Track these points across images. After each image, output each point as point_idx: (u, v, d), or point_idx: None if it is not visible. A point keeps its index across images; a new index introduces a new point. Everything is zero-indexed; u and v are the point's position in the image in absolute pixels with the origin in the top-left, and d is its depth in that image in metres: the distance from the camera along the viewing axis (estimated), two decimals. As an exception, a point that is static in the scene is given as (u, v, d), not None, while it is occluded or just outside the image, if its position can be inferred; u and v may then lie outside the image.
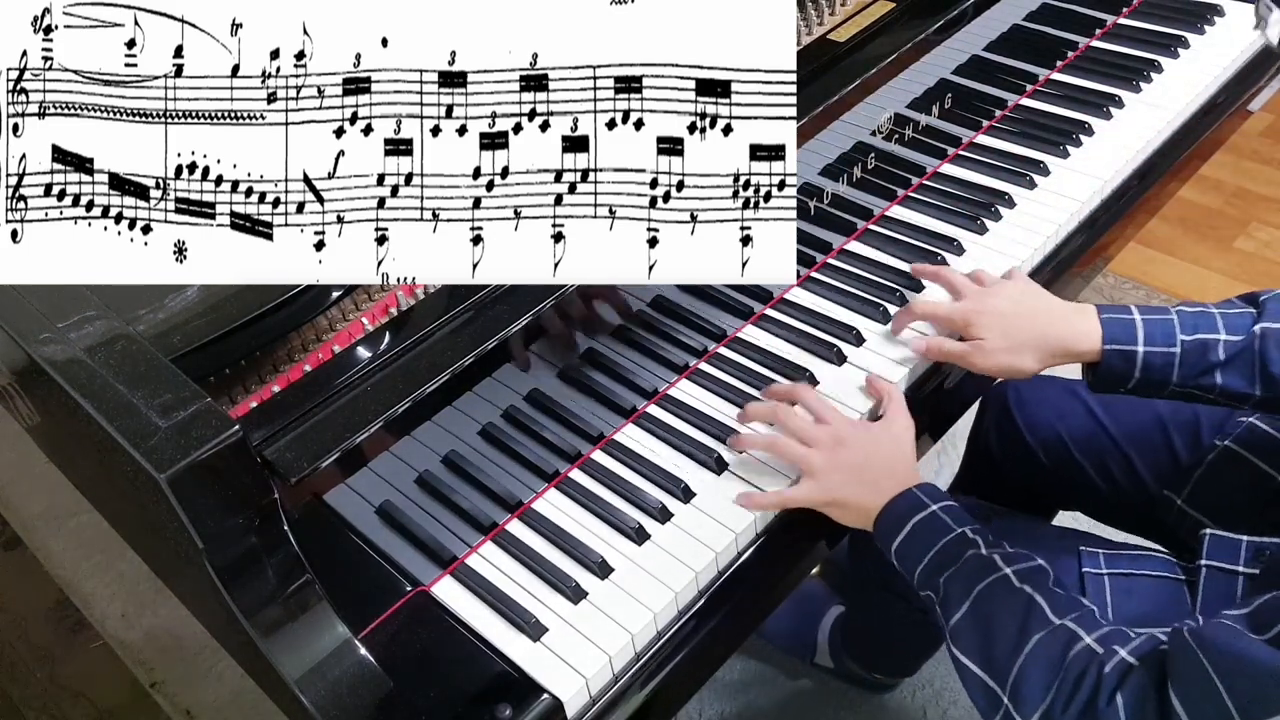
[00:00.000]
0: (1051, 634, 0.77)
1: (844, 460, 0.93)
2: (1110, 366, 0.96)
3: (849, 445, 0.94)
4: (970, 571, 0.84)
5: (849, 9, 1.16)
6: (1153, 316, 0.95)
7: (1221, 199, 2.33)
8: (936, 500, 0.90)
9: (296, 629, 0.77)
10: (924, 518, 0.89)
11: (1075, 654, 0.75)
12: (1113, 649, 0.75)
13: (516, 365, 0.92)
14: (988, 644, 0.80)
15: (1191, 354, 0.93)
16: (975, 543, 0.86)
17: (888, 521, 0.90)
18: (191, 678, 1.63)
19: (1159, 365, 0.94)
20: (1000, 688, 0.78)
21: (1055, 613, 0.79)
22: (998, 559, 0.84)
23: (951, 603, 0.84)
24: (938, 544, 0.87)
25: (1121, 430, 1.13)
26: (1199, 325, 0.94)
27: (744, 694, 1.55)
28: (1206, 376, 0.93)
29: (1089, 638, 0.76)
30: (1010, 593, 0.81)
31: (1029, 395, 1.21)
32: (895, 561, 0.90)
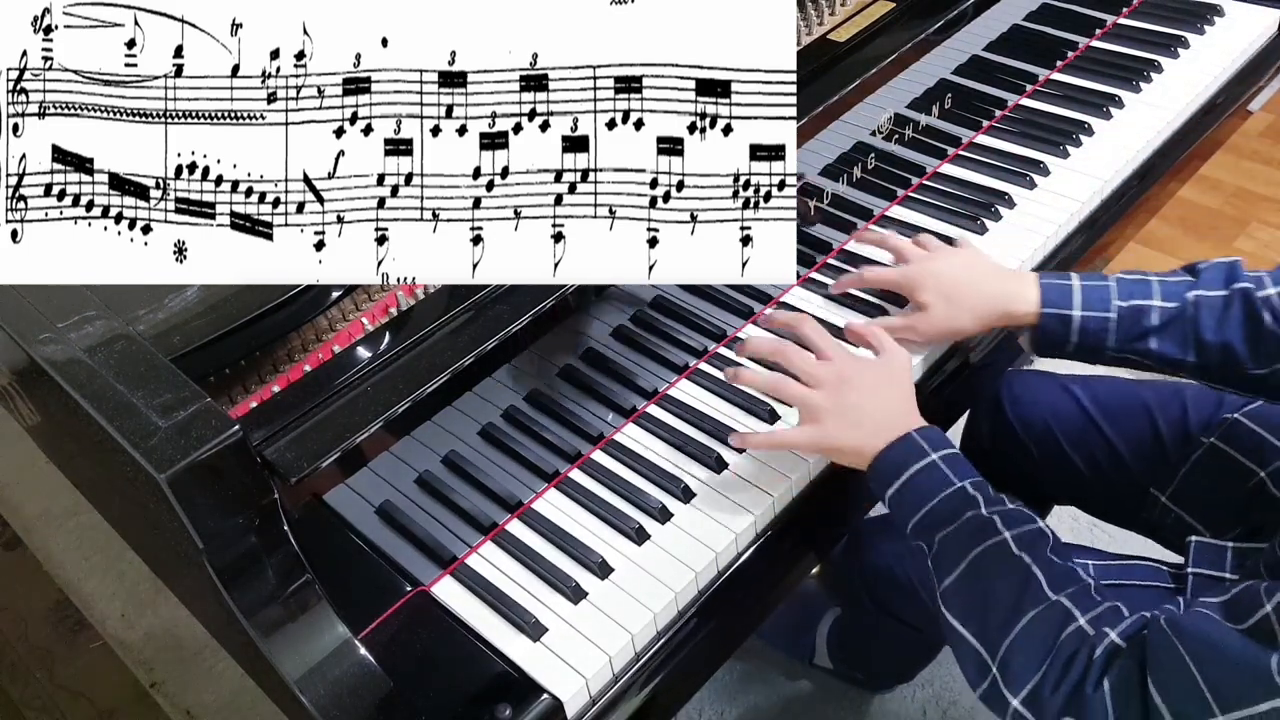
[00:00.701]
0: (1047, 610, 0.77)
1: (846, 401, 0.91)
2: (1047, 330, 0.98)
3: (852, 384, 0.93)
4: (968, 533, 0.83)
5: (849, 9, 1.16)
6: (1091, 283, 0.97)
7: (1221, 199, 2.33)
8: (937, 448, 0.88)
9: (296, 629, 0.77)
10: (923, 467, 0.87)
11: (1068, 635, 0.75)
12: (1103, 631, 0.75)
13: (516, 365, 0.92)
14: (981, 613, 0.80)
15: (1126, 320, 0.95)
16: (975, 500, 0.84)
17: (884, 467, 0.88)
18: (191, 678, 1.63)
19: (1094, 330, 0.96)
20: (991, 659, 0.78)
21: (1052, 587, 0.78)
22: (998, 521, 0.82)
23: (945, 562, 0.83)
24: (935, 498, 0.85)
25: (1110, 422, 1.14)
26: (1134, 292, 0.96)
27: (743, 694, 1.55)
28: (1141, 342, 0.95)
29: (1083, 618, 0.76)
30: (1008, 560, 0.80)
31: (1021, 390, 1.21)
32: (888, 508, 0.89)
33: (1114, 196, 1.27)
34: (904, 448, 0.88)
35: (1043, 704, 0.75)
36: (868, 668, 1.50)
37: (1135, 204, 1.28)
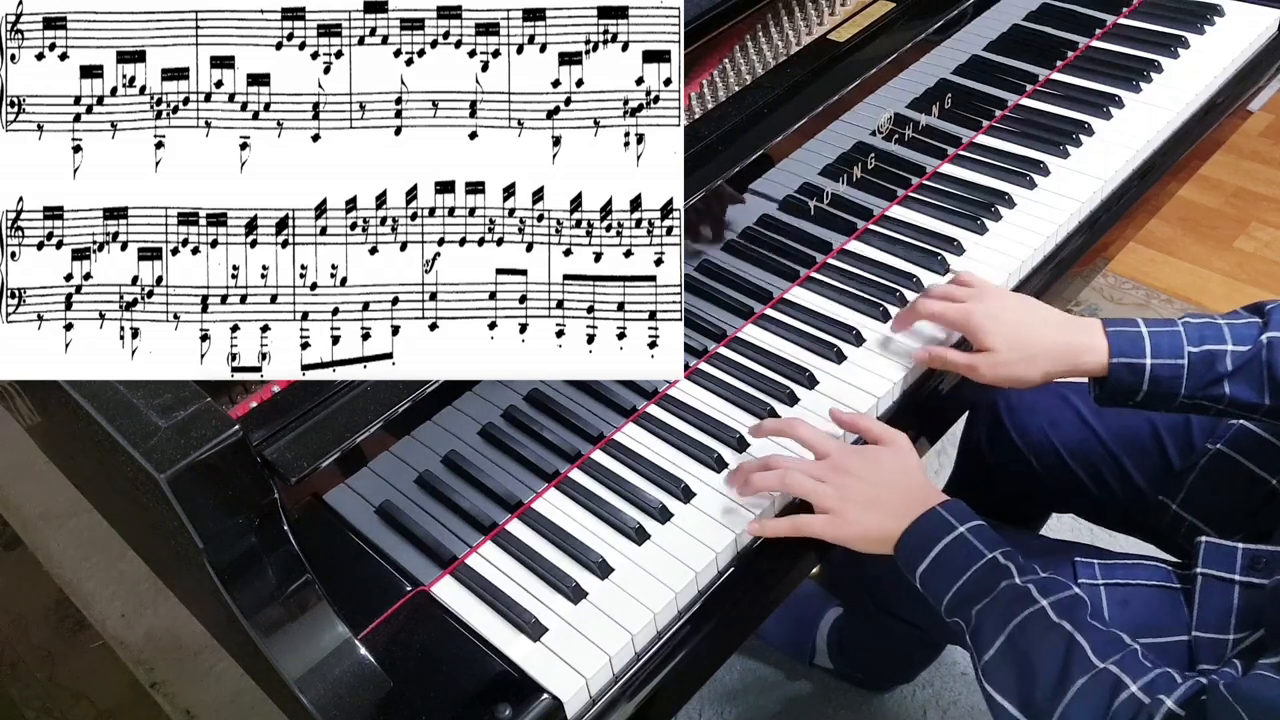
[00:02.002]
0: (1095, 679, 0.75)
1: (853, 491, 0.90)
2: (1118, 380, 0.95)
3: (853, 474, 0.91)
4: (1005, 604, 0.81)
5: (849, 9, 1.16)
6: (1159, 329, 0.94)
7: (1221, 199, 2.33)
8: (964, 521, 0.86)
9: (296, 629, 0.77)
10: (951, 542, 0.85)
11: (1121, 702, 0.73)
12: (1159, 699, 0.73)
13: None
14: (1026, 685, 0.77)
15: (1199, 365, 0.92)
16: (1008, 570, 0.83)
17: (911, 546, 0.87)
18: (191, 678, 1.63)
19: (1167, 378, 0.93)
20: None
21: (1097, 654, 0.76)
22: (1033, 590, 0.81)
23: (984, 636, 0.81)
24: (967, 571, 0.83)
25: (1113, 436, 1.13)
26: (1205, 336, 0.93)
27: (744, 694, 1.55)
28: (1215, 388, 0.93)
29: (1134, 685, 0.74)
30: (1048, 629, 0.78)
31: (1019, 402, 1.20)
32: (920, 587, 0.87)
33: (1114, 196, 1.27)
34: (928, 523, 0.87)
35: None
36: (868, 668, 1.50)
37: (1135, 204, 1.28)
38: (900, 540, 0.87)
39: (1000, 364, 0.98)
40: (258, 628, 0.76)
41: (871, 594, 1.22)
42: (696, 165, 0.98)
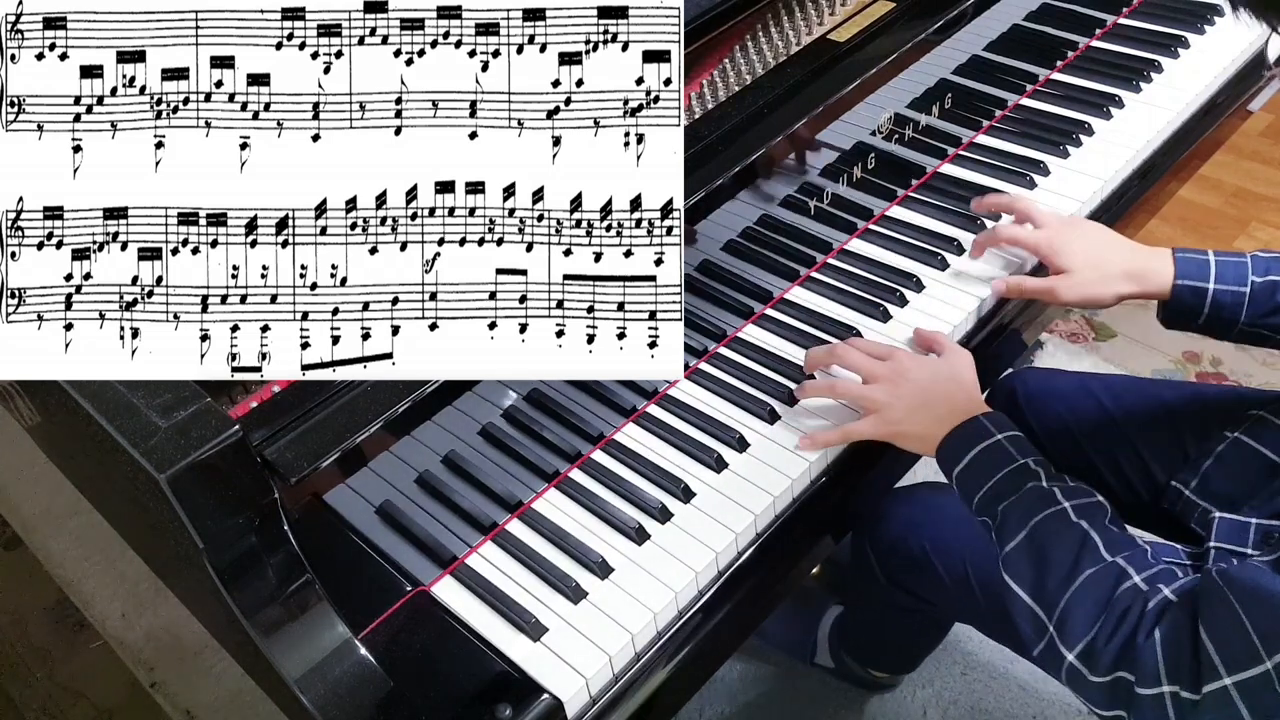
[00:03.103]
0: (1103, 569, 0.79)
1: (905, 392, 0.96)
2: (1181, 301, 1.00)
3: (910, 377, 0.97)
4: (1030, 502, 0.85)
5: (849, 9, 1.16)
6: (1227, 258, 1.00)
7: (1221, 199, 2.33)
8: (1003, 430, 0.91)
9: (296, 629, 0.77)
10: (988, 446, 0.90)
11: (1123, 590, 0.78)
12: (1157, 587, 0.77)
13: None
14: (1040, 574, 0.82)
15: (1261, 294, 0.98)
16: (1037, 474, 0.87)
17: (951, 448, 0.91)
18: (191, 678, 1.63)
19: (1229, 303, 0.98)
20: (1048, 617, 0.80)
21: (1109, 549, 0.80)
22: (1058, 492, 0.85)
23: (1008, 530, 0.85)
24: (999, 473, 0.88)
25: (1130, 422, 1.14)
26: (1271, 268, 0.98)
27: (744, 694, 1.55)
28: (1275, 316, 0.98)
29: (1138, 576, 0.78)
30: (1067, 526, 0.83)
31: (1037, 387, 1.22)
32: (955, 486, 0.92)
33: (1114, 196, 1.27)
34: (971, 428, 0.91)
35: (1096, 656, 0.77)
36: (872, 657, 1.50)
37: (1135, 204, 1.28)
38: (942, 442, 0.92)
39: (1078, 284, 1.04)
40: (258, 628, 0.76)
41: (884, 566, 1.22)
42: (696, 165, 0.98)
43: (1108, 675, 0.76)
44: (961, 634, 1.54)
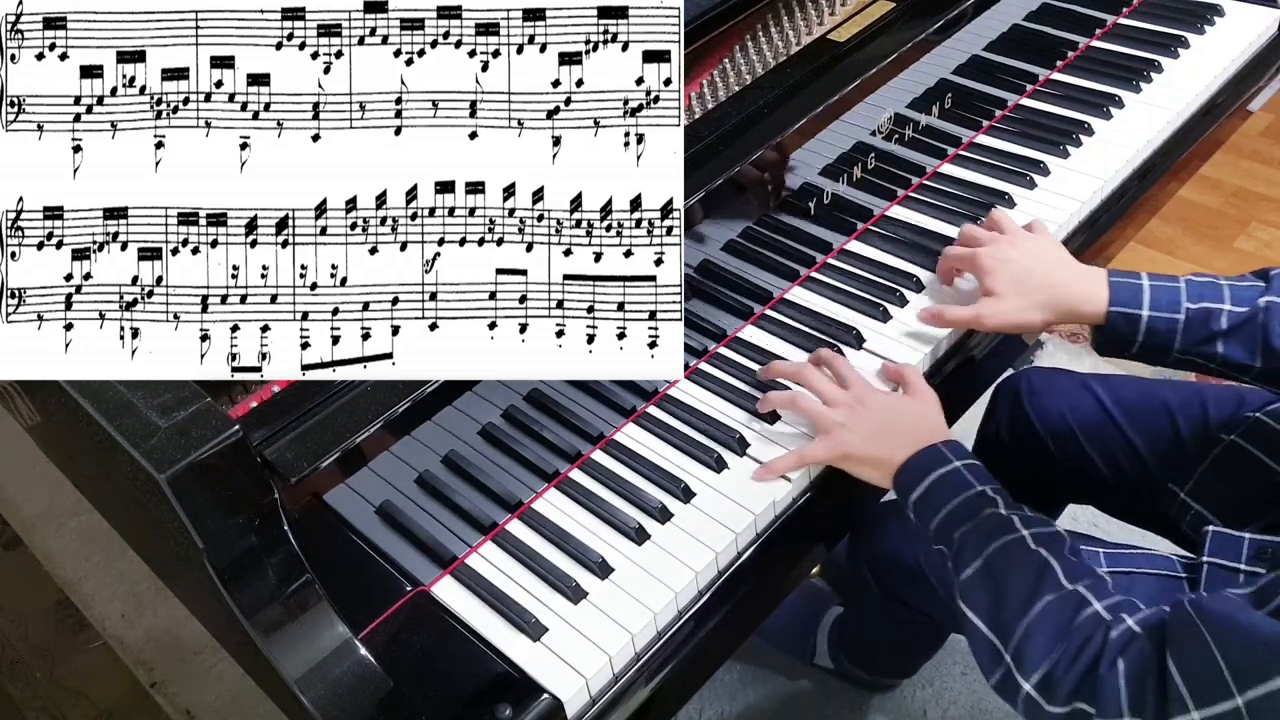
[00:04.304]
0: (1061, 598, 0.78)
1: (863, 419, 0.94)
2: (1114, 329, 0.97)
3: (869, 406, 0.95)
4: (987, 530, 0.84)
5: (849, 9, 1.16)
6: (1160, 283, 0.97)
7: (1221, 199, 2.33)
8: (960, 457, 0.90)
9: (296, 629, 0.77)
10: (945, 473, 0.89)
11: (1083, 619, 0.76)
12: (1120, 617, 0.75)
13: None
14: (997, 602, 0.80)
15: (1195, 322, 0.95)
16: (995, 501, 0.86)
17: (908, 475, 0.90)
18: (191, 678, 1.63)
19: (1162, 331, 0.95)
20: (1004, 646, 0.79)
21: (1068, 578, 0.79)
22: (1016, 520, 0.84)
23: (964, 557, 0.84)
24: (956, 499, 0.87)
25: (1130, 422, 1.14)
26: (1205, 294, 0.95)
27: (744, 694, 1.55)
28: (1209, 345, 0.95)
29: (1098, 604, 0.77)
30: (1025, 554, 0.81)
31: (1041, 386, 1.22)
32: (912, 514, 0.90)
33: (1114, 196, 1.27)
34: (928, 456, 0.90)
35: (1054, 686, 0.75)
36: (870, 662, 1.50)
37: (1135, 204, 1.28)
38: (899, 469, 0.91)
39: (1002, 311, 1.01)
40: (258, 628, 0.76)
41: (878, 578, 1.22)
42: (696, 165, 0.98)
43: (1065, 706, 0.75)
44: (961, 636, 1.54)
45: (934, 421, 0.96)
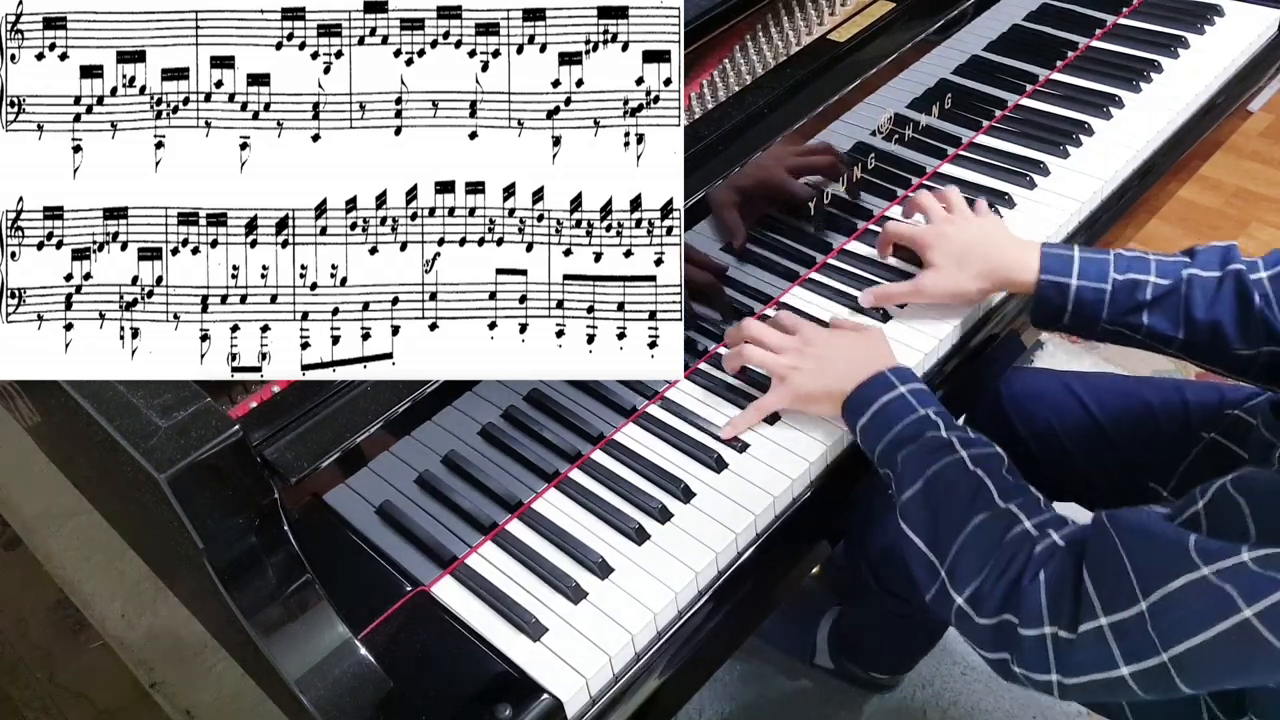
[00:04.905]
0: (994, 516, 0.81)
1: (809, 357, 0.98)
2: (1045, 298, 1.00)
3: (815, 344, 0.99)
4: (927, 451, 0.87)
5: (849, 9, 1.16)
6: (1091, 255, 1.00)
7: (1221, 199, 2.33)
8: (906, 382, 0.92)
9: (296, 629, 0.77)
10: (890, 399, 0.91)
11: (1012, 536, 0.79)
12: (1046, 533, 0.79)
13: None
14: (934, 521, 0.84)
15: (1120, 292, 0.98)
16: (936, 424, 0.89)
17: (855, 403, 0.93)
18: (191, 678, 1.63)
19: (1090, 301, 0.99)
20: (940, 562, 0.82)
21: (1002, 497, 0.82)
22: (955, 441, 0.87)
23: (905, 479, 0.87)
24: (900, 423, 0.89)
25: (1111, 421, 1.14)
26: (1132, 266, 0.99)
27: (744, 694, 1.55)
28: (1134, 315, 0.98)
29: (1028, 522, 0.80)
30: (962, 474, 0.84)
31: (1020, 388, 1.22)
32: (859, 439, 0.93)
33: (1114, 196, 1.27)
34: (875, 383, 0.93)
35: (982, 599, 0.79)
36: (870, 659, 1.50)
37: (1135, 204, 1.28)
38: (848, 398, 0.94)
39: (941, 280, 1.05)
40: (258, 628, 0.76)
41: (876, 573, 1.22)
42: (696, 165, 0.98)
43: (994, 618, 0.78)
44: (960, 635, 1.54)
45: (881, 350, 0.99)
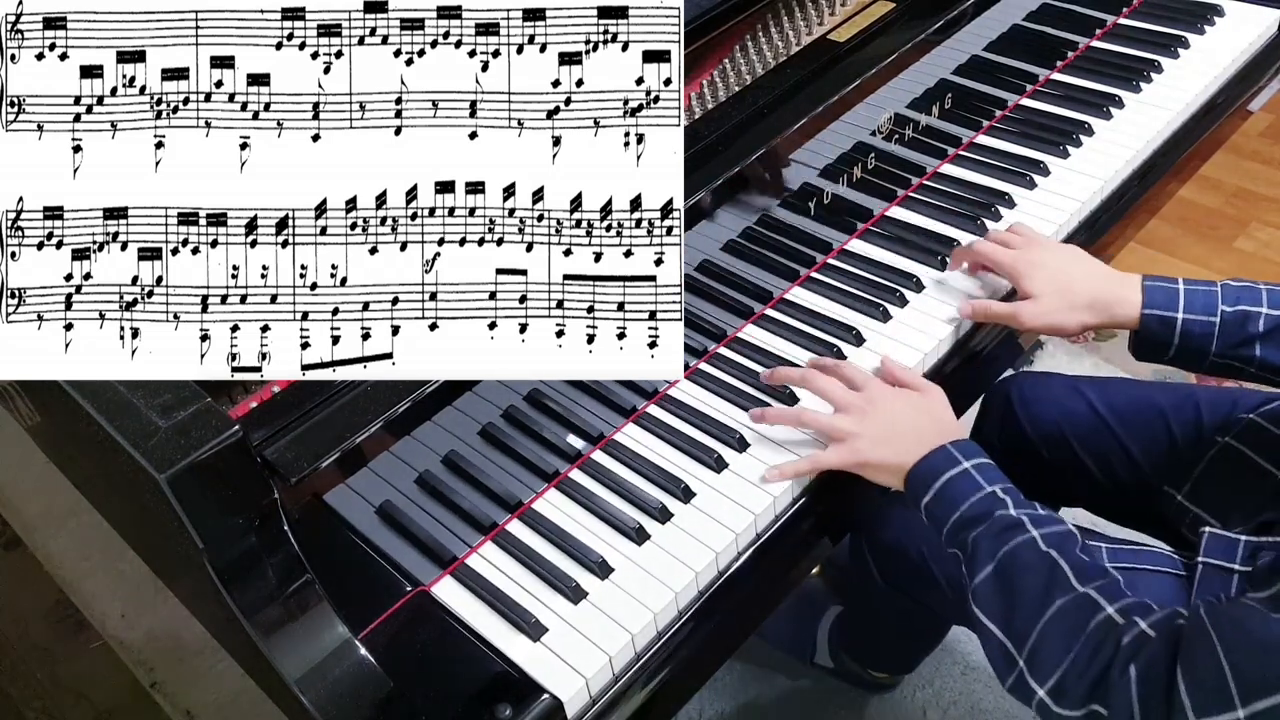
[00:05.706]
0: (1074, 601, 0.78)
1: (873, 422, 0.94)
2: (1149, 332, 0.98)
3: (880, 407, 0.95)
4: (998, 531, 0.84)
5: (849, 9, 1.16)
6: (1196, 287, 0.98)
7: (1221, 199, 2.33)
8: (970, 457, 0.89)
9: (296, 629, 0.77)
10: (955, 475, 0.88)
11: (1096, 623, 0.76)
12: (1133, 620, 0.75)
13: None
14: (1009, 607, 0.80)
15: (1231, 325, 0.95)
16: (1004, 502, 0.86)
17: (919, 478, 0.90)
18: (191, 678, 1.63)
19: (1198, 334, 0.96)
20: (1018, 651, 0.79)
21: (1079, 580, 0.79)
22: (1026, 520, 0.83)
23: (977, 561, 0.84)
24: (966, 502, 0.86)
25: (1123, 424, 1.14)
26: (1241, 298, 0.96)
27: (744, 694, 1.55)
28: (1246, 348, 0.96)
29: (1111, 608, 0.76)
30: (1036, 556, 0.81)
31: (1031, 391, 1.21)
32: (925, 518, 0.90)
33: (1114, 196, 1.27)
34: (939, 458, 0.89)
35: (1068, 691, 0.75)
36: (872, 657, 1.50)
37: (1135, 204, 1.28)
38: (910, 472, 0.90)
39: (1042, 311, 1.02)
40: (258, 628, 0.76)
41: (881, 569, 1.22)
42: (696, 165, 0.98)
43: (1080, 709, 0.75)
44: (961, 634, 1.54)
45: (943, 417, 0.96)
